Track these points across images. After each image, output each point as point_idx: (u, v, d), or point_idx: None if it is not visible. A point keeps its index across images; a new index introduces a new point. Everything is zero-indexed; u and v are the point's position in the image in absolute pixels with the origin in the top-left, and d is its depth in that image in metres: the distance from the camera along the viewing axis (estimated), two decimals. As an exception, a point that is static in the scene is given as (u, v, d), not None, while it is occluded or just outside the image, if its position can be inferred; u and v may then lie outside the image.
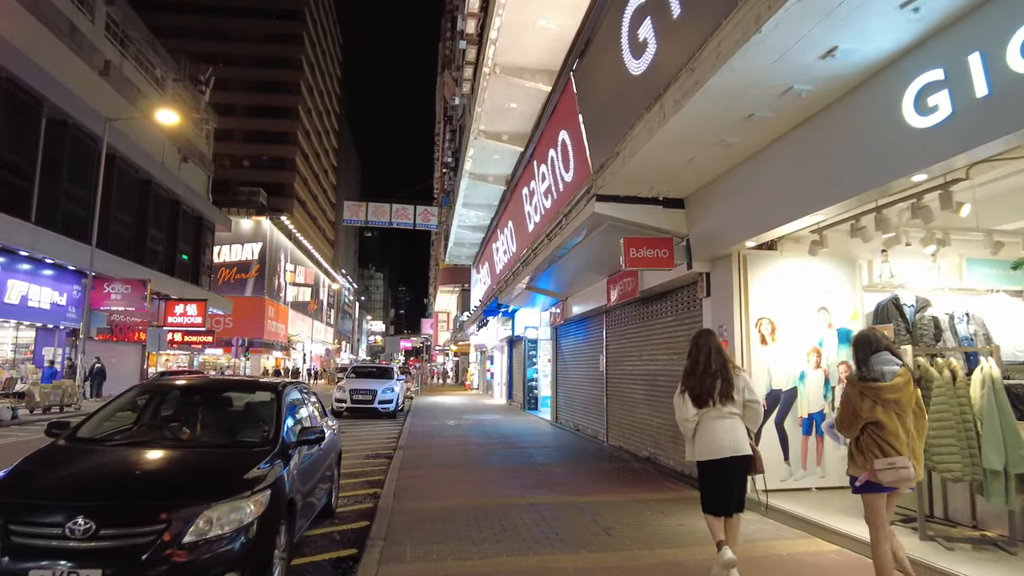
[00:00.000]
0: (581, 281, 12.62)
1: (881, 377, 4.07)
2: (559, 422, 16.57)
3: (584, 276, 12.01)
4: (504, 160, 21.53)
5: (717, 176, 7.10)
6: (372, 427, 17.29)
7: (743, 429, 4.67)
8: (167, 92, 34.42)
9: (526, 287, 13.77)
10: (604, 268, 10.76)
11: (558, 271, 11.96)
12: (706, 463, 4.64)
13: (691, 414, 4.68)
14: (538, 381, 21.56)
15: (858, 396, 4.08)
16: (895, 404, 3.99)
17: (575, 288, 13.44)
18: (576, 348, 14.86)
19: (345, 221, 35.96)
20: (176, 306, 33.70)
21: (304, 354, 68.43)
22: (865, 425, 4.06)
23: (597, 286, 12.08)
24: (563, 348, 16.25)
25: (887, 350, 4.19)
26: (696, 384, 4.69)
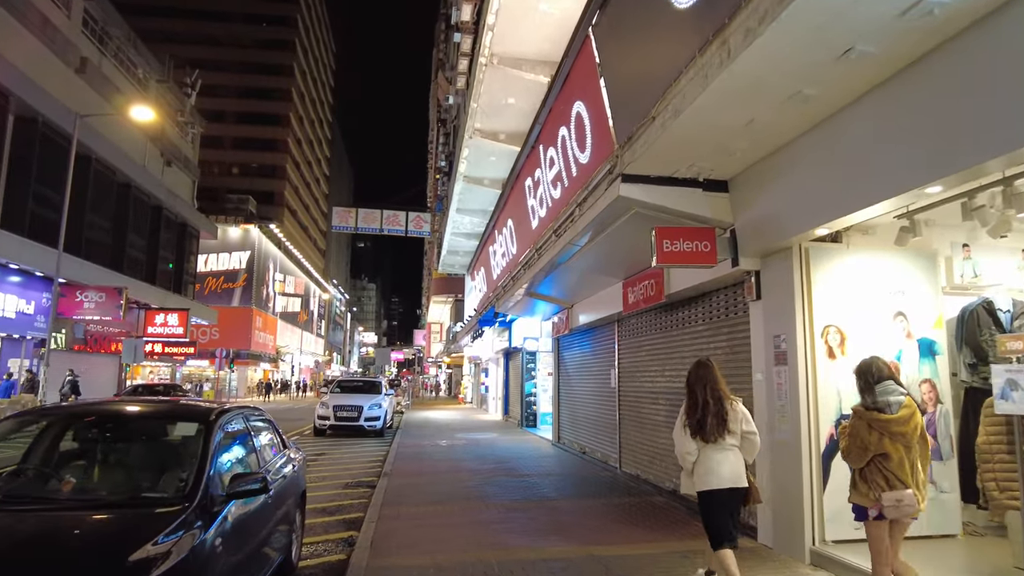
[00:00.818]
0: (590, 285, 11.18)
1: (887, 408, 4.04)
2: (562, 443, 15.08)
3: (594, 279, 10.58)
4: (500, 162, 20.16)
5: (777, 148, 5.69)
6: (356, 447, 15.76)
7: (741, 461, 4.70)
8: (150, 93, 32.94)
9: (526, 293, 12.33)
10: (619, 269, 9.33)
11: (564, 274, 10.54)
12: (707, 493, 4.64)
13: (693, 448, 4.70)
14: (537, 396, 20.07)
15: (866, 429, 4.06)
16: (902, 437, 3.98)
17: (582, 294, 12.00)
18: (582, 361, 13.40)
19: (334, 227, 34.54)
20: (156, 316, 32.10)
21: (292, 366, 66.63)
22: (872, 456, 4.04)
23: (609, 291, 10.65)
24: (566, 361, 14.80)
25: (891, 379, 4.17)
26: (697, 418, 4.69)
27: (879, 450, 4.00)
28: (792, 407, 5.83)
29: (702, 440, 4.66)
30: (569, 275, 10.78)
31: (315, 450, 15.01)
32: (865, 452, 4.06)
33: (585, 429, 13.14)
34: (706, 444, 4.65)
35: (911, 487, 3.95)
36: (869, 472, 4.06)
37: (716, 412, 4.68)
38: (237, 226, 58.63)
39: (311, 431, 19.08)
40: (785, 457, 5.91)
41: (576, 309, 12.70)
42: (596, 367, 12.35)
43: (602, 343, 12.03)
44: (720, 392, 4.76)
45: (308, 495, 8.73)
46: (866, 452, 4.05)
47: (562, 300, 12.78)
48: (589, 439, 12.78)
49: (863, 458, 4.08)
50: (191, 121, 39.32)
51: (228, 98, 73.87)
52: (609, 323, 11.48)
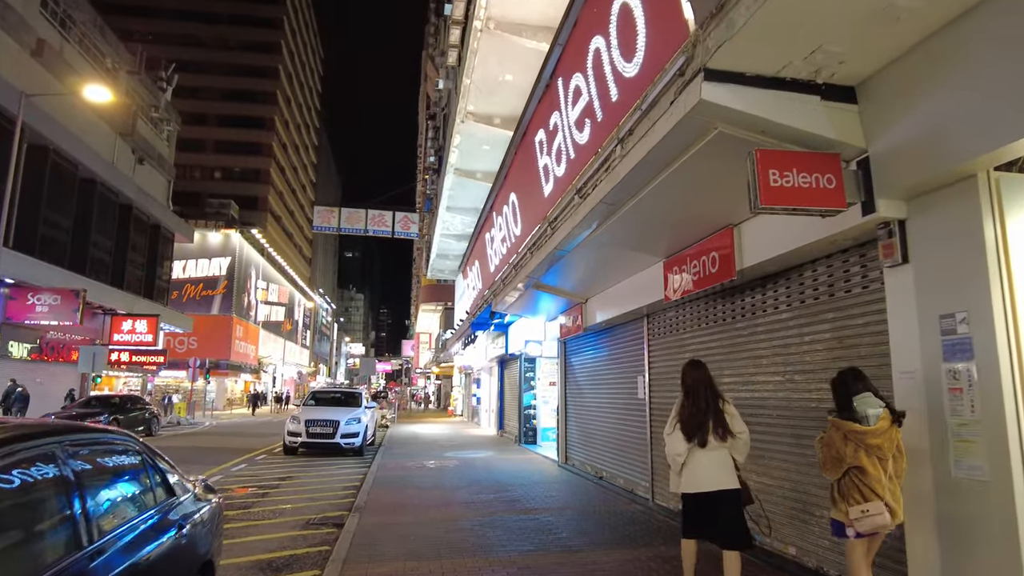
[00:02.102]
0: (614, 271, 8.98)
1: (864, 420, 3.93)
2: (570, 464, 12.84)
3: (620, 262, 8.40)
4: (494, 152, 18.03)
5: (947, 23, 3.57)
6: (330, 469, 13.45)
7: (730, 462, 4.63)
8: (120, 85, 30.64)
9: (530, 286, 10.13)
10: (660, 241, 7.14)
11: (581, 257, 8.36)
12: (689, 495, 4.65)
13: (683, 449, 4.64)
14: (537, 409, 17.83)
15: (841, 440, 3.95)
16: (877, 449, 3.85)
17: (601, 284, 9.79)
18: (598, 367, 11.19)
19: (315, 228, 32.26)
20: (123, 322, 29.74)
21: (275, 377, 64.01)
22: (848, 469, 3.93)
23: (641, 277, 8.50)
24: (575, 368, 12.59)
25: (869, 391, 4.04)
26: (690, 420, 4.64)
27: (854, 462, 3.89)
28: (989, 424, 3.66)
29: (698, 443, 4.62)
30: (586, 259, 8.61)
31: (280, 473, 12.70)
32: (840, 464, 3.97)
33: (602, 449, 10.90)
34: (699, 447, 4.61)
35: (884, 500, 3.79)
36: (845, 486, 3.95)
37: (714, 415, 4.64)
38: (217, 231, 56.10)
39: (282, 449, 16.74)
40: (977, 508, 3.72)
41: (592, 305, 10.49)
42: (617, 374, 10.14)
43: (626, 344, 9.84)
44: (716, 391, 4.76)
45: (255, 540, 6.46)
46: (841, 464, 3.96)
47: (574, 294, 10.57)
48: (608, 462, 10.55)
49: (838, 470, 3.99)
50: (166, 118, 36.91)
51: (211, 100, 71.62)
52: (637, 319, 9.31)
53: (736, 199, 5.20)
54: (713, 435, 4.61)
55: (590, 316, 10.47)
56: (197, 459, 14.94)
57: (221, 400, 53.14)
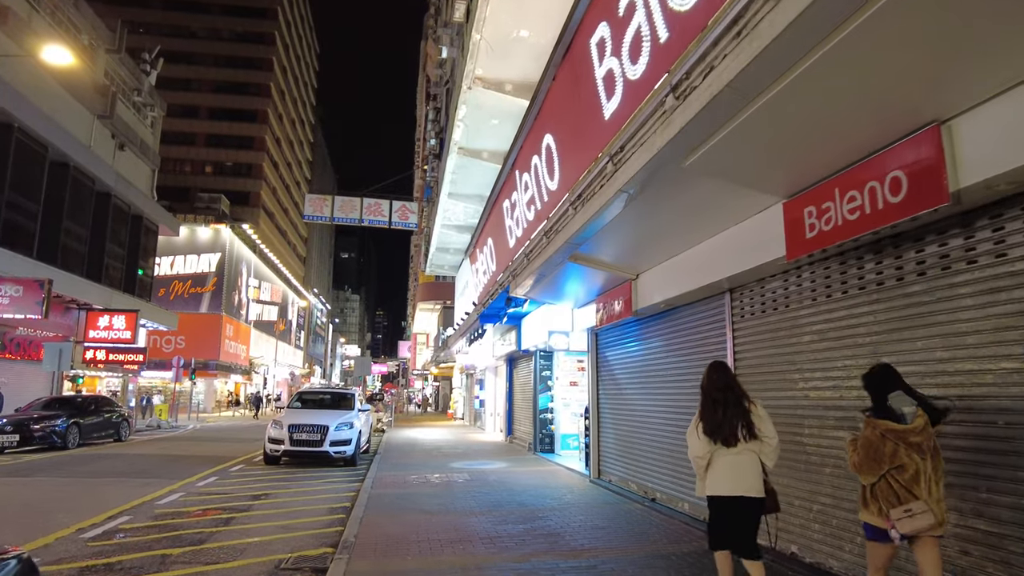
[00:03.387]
0: (689, 228, 6.72)
1: (901, 418, 3.77)
2: (605, 480, 10.66)
3: (706, 211, 6.16)
4: (504, 127, 15.89)
5: None
6: (315, 484, 11.22)
7: (757, 468, 4.37)
8: (98, 63, 28.43)
9: (568, 257, 7.93)
10: (791, 165, 4.91)
11: (647, 209, 6.17)
12: (714, 499, 4.42)
13: (704, 451, 4.42)
14: (556, 413, 15.60)
15: (879, 439, 3.75)
16: (917, 448, 3.68)
17: (662, 249, 7.55)
18: (648, 361, 9.00)
19: (306, 217, 30.06)
20: (100, 318, 27.50)
21: (266, 378, 61.66)
22: (886, 471, 3.74)
23: (727, 237, 6.33)
24: (612, 363, 10.41)
25: (901, 388, 3.87)
26: (710, 420, 4.43)
27: (894, 462, 3.69)
28: None
29: (722, 444, 4.37)
30: (652, 213, 6.42)
31: (254, 488, 10.46)
32: (879, 465, 3.74)
33: (655, 464, 8.70)
34: (724, 448, 4.37)
35: (923, 499, 3.60)
36: (880, 488, 3.75)
37: (737, 415, 4.39)
38: (207, 226, 53.76)
39: (262, 457, 14.51)
40: None
41: (647, 281, 8.27)
42: (679, 369, 7.95)
43: (694, 331, 7.67)
44: (740, 392, 4.50)
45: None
46: (880, 465, 3.74)
47: (622, 267, 8.37)
48: (665, 481, 8.35)
49: (877, 472, 3.75)
50: (150, 103, 34.60)
51: (202, 93, 69.35)
52: (713, 296, 7.15)
53: (960, 72, 3.04)
54: (737, 434, 4.35)
55: (642, 296, 8.26)
56: (160, 470, 12.70)
57: (210, 402, 50.81)
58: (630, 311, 8.45)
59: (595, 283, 9.65)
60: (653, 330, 8.81)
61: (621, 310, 8.70)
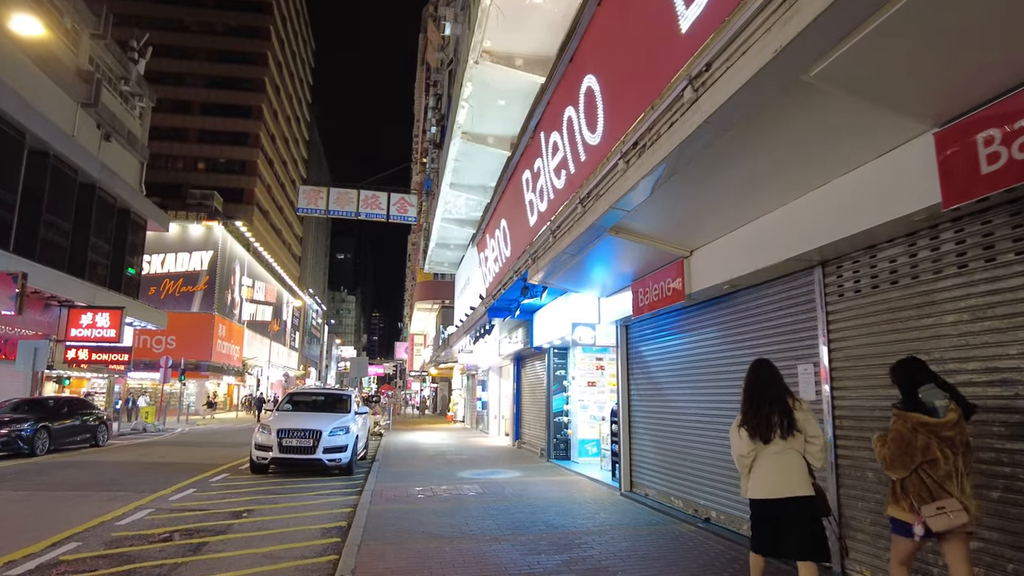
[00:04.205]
0: (775, 181, 5.35)
1: (933, 411, 3.62)
2: (638, 494, 9.28)
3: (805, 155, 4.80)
4: (512, 109, 14.53)
5: None
6: (304, 497, 9.79)
7: (802, 467, 4.20)
8: (81, 48, 26.99)
9: (608, 228, 6.56)
10: (938, 81, 3.57)
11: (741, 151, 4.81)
12: (756, 502, 4.26)
13: (746, 450, 4.26)
14: (572, 416, 14.19)
15: (911, 433, 3.61)
16: (950, 442, 3.55)
17: (729, 216, 6.14)
18: (700, 355, 7.61)
19: (299, 209, 28.58)
20: (82, 315, 26.07)
21: (258, 379, 60.12)
22: (919, 465, 3.60)
23: (825, 194, 4.99)
24: (648, 359, 9.04)
25: (932, 381, 3.72)
26: (752, 417, 4.27)
27: (927, 456, 3.57)
28: None
29: (761, 442, 4.19)
30: (726, 166, 5.05)
31: (235, 503, 9.03)
32: (911, 459, 3.61)
33: (709, 478, 7.31)
34: (765, 447, 4.19)
35: (955, 496, 3.48)
36: (911, 483, 3.62)
37: (782, 410, 4.22)
38: (199, 223, 52.21)
39: (249, 465, 13.08)
40: None
41: (705, 258, 6.87)
42: (745, 365, 6.58)
43: (768, 317, 6.31)
44: (781, 388, 4.33)
45: None
46: (912, 459, 3.61)
47: (670, 241, 6.98)
48: (723, 498, 6.96)
49: (908, 466, 3.63)
50: (138, 92, 33.08)
51: (195, 88, 67.82)
52: (797, 272, 5.80)
53: None
54: (779, 432, 4.15)
55: (698, 276, 6.87)
56: (132, 481, 11.26)
57: (201, 404, 49.25)
58: (681, 296, 7.06)
59: (631, 265, 8.27)
60: (707, 319, 7.42)
61: (669, 295, 7.31)
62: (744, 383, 4.48)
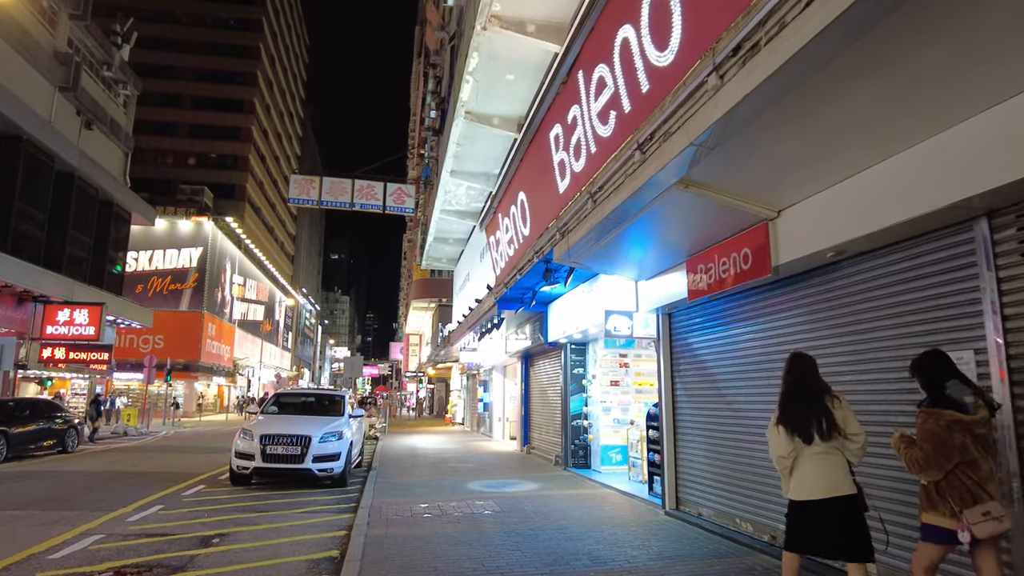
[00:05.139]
0: (932, 90, 3.85)
1: (965, 408, 3.37)
2: (689, 512, 7.79)
3: (960, 63, 3.32)
4: (520, 85, 13.00)
5: None
6: (289, 516, 8.25)
7: (844, 466, 4.03)
8: (59, 30, 25.36)
9: (676, 183, 5.07)
10: None
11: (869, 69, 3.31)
12: (798, 503, 4.07)
13: (787, 450, 4.08)
14: (593, 419, 12.67)
15: (946, 431, 3.35)
16: (983, 440, 3.33)
17: (838, 162, 4.67)
18: (775, 347, 6.14)
19: (291, 200, 27.03)
20: (59, 312, 24.37)
21: (249, 380, 58.42)
22: (956, 465, 3.33)
23: (1003, 114, 3.47)
24: (700, 352, 7.55)
25: (956, 376, 3.51)
26: (791, 416, 4.10)
27: (965, 457, 3.30)
28: None
29: (802, 441, 4.02)
30: (843, 91, 3.55)
31: (208, 525, 7.47)
32: (948, 460, 3.34)
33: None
34: (805, 446, 4.03)
35: (996, 498, 3.27)
36: (949, 486, 3.34)
37: (823, 408, 4.04)
38: (188, 219, 50.50)
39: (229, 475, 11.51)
40: None
41: (799, 217, 5.35)
42: (849, 356, 5.09)
43: (890, 293, 4.83)
44: (822, 385, 4.16)
45: None
46: (949, 460, 3.34)
47: (751, 199, 5.48)
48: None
49: (944, 468, 3.35)
50: (122, 79, 31.38)
51: (186, 80, 66.06)
52: (943, 229, 4.32)
53: None
54: (819, 431, 3.98)
55: (790, 242, 5.37)
56: (89, 496, 9.69)
57: (191, 405, 47.53)
58: (764, 269, 5.56)
59: (687, 236, 6.75)
60: (789, 300, 5.93)
61: (745, 269, 5.82)
62: (783, 379, 4.26)
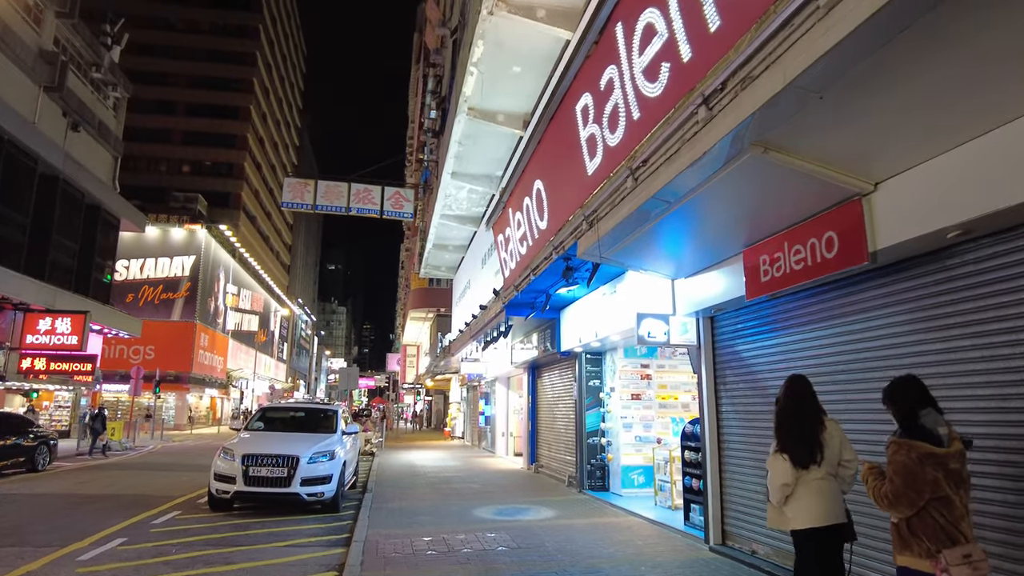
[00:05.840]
0: None
1: (939, 441, 3.08)
2: (740, 549, 6.62)
3: None
4: (527, 79, 11.91)
5: None
6: (270, 551, 6.98)
7: (839, 492, 3.90)
8: (45, 27, 24.32)
9: (752, 144, 3.97)
10: None
11: None
12: (806, 532, 3.82)
13: (791, 479, 3.84)
14: (612, 437, 11.47)
15: (917, 464, 3.04)
16: (956, 475, 3.05)
17: (967, 113, 3.60)
18: (862, 353, 5.00)
19: (284, 204, 25.89)
20: (39, 321, 23.15)
21: (243, 392, 57.05)
22: (927, 503, 3.04)
23: None
24: (751, 362, 6.42)
25: (930, 405, 3.23)
26: (795, 442, 3.87)
27: (936, 493, 3.02)
28: None
29: (801, 467, 3.84)
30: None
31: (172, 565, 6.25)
32: (919, 496, 3.05)
33: (879, 534, 4.65)
34: (805, 472, 3.84)
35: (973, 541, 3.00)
36: (920, 525, 3.07)
37: (818, 434, 3.88)
38: (181, 226, 49.31)
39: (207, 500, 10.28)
40: None
41: (905, 189, 4.26)
42: (960, 360, 3.96)
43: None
44: (819, 409, 4.00)
45: None
46: (920, 496, 3.05)
47: (842, 166, 4.38)
48: None
49: (915, 504, 3.07)
50: (112, 81, 30.30)
51: (181, 87, 65.08)
52: None
53: None
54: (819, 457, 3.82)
55: (892, 222, 4.21)
56: (43, 527, 8.46)
57: (182, 418, 46.15)
58: (855, 256, 4.44)
59: (746, 219, 5.61)
60: (886, 294, 4.81)
61: (826, 257, 4.70)
62: (780, 403, 4.06)
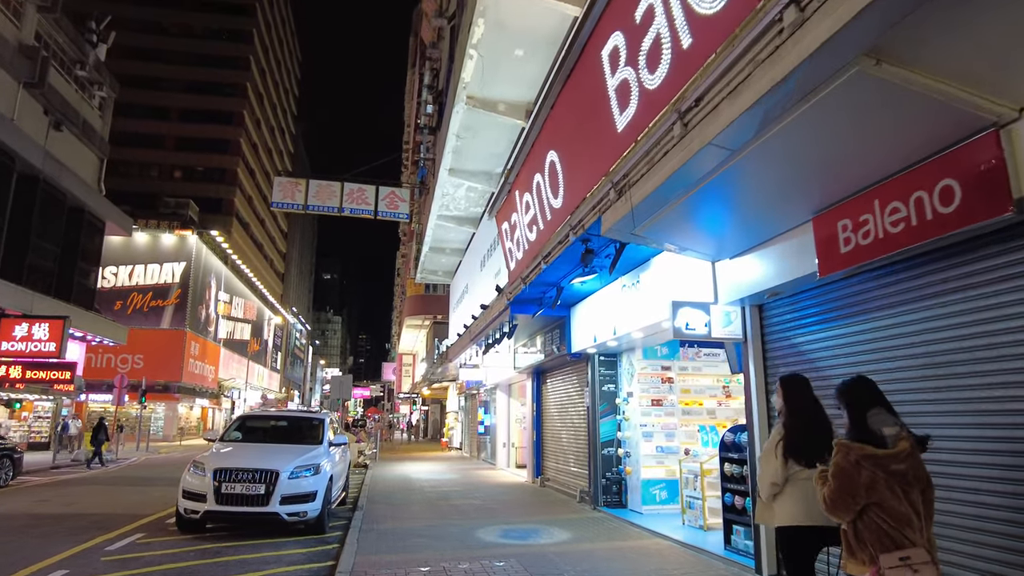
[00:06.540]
0: None
1: (882, 442, 2.99)
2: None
3: None
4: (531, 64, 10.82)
5: None
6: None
7: None
8: (25, 22, 23.24)
9: (863, 49, 2.88)
10: None
11: None
12: (794, 529, 3.75)
13: (782, 477, 3.81)
14: (631, 447, 10.30)
15: (854, 467, 2.96)
16: (901, 477, 2.93)
17: None
18: (988, 337, 3.89)
19: (274, 204, 24.73)
20: (15, 327, 21.87)
21: (234, 402, 55.64)
22: (865, 507, 2.94)
23: None
24: (816, 357, 5.29)
25: (881, 404, 3.14)
26: (806, 442, 3.78)
27: (872, 497, 2.92)
28: None
29: (802, 466, 3.76)
30: None
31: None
32: (853, 499, 2.96)
33: (999, 553, 3.54)
34: (800, 470, 3.78)
35: (920, 544, 2.84)
36: (866, 529, 2.94)
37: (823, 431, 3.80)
38: (171, 232, 48.08)
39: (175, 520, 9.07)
40: None
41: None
42: None
43: None
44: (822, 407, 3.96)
45: None
46: (855, 499, 2.96)
47: (975, 84, 3.31)
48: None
49: (851, 508, 2.98)
50: (97, 80, 29.20)
51: (173, 92, 63.96)
52: None
53: None
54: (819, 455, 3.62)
55: None
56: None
57: (172, 429, 44.77)
58: (996, 206, 3.33)
59: (824, 172, 4.51)
60: (1018, 259, 3.70)
61: (943, 212, 3.59)
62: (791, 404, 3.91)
